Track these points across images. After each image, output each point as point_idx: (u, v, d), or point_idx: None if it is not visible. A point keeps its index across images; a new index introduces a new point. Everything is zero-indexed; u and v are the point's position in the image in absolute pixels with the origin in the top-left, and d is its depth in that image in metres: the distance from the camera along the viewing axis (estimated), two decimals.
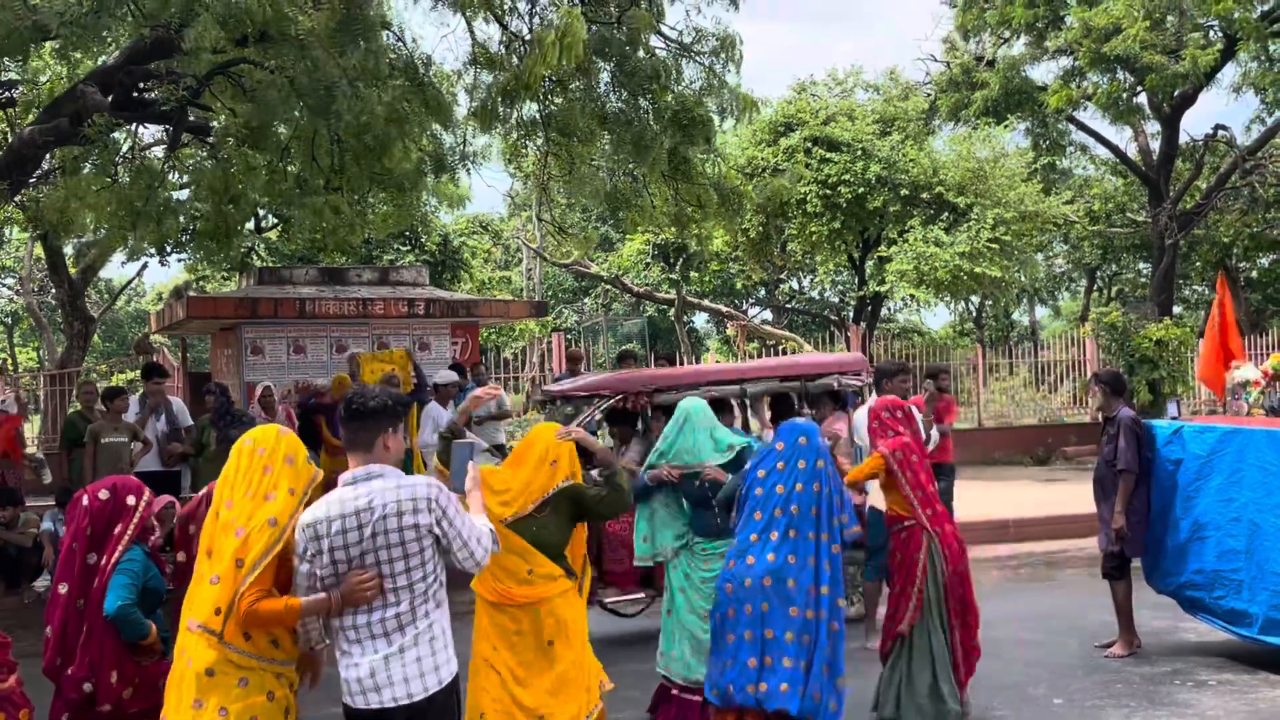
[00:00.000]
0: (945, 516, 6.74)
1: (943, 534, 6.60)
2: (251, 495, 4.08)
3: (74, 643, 4.45)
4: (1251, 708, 7.00)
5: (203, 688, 3.97)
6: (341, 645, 4.07)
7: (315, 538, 4.00)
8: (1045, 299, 45.06)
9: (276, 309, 14.16)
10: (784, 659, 5.44)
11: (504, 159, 14.79)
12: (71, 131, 10.63)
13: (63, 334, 23.98)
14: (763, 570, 5.58)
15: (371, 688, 3.97)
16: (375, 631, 4.00)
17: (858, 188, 21.03)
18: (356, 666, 4.00)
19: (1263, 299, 34.86)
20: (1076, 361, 22.72)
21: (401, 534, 3.97)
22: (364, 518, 3.97)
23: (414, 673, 3.98)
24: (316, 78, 9.90)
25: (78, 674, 4.42)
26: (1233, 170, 26.25)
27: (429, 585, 4.06)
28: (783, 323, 33.67)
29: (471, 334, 15.88)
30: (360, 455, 4.11)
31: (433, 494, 4.04)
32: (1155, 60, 22.28)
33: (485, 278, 32.27)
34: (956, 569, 6.63)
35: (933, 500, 6.65)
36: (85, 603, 4.47)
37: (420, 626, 4.02)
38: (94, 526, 4.54)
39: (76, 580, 4.49)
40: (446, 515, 4.05)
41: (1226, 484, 7.88)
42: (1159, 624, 8.90)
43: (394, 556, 3.98)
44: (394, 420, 4.13)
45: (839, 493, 5.84)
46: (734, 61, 12.09)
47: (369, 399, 4.11)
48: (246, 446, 4.19)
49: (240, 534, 4.00)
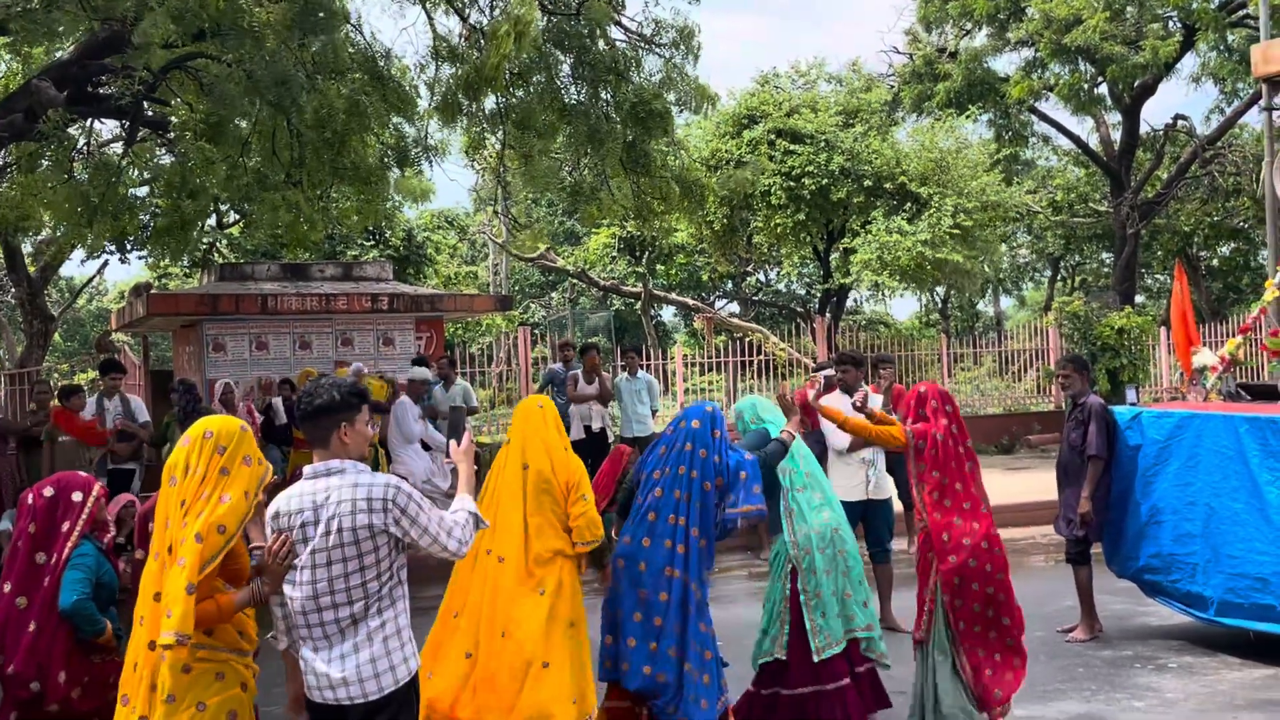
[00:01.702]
0: (971, 515, 6.20)
1: (952, 534, 6.14)
2: (207, 498, 4.05)
3: (14, 640, 4.39)
4: (1210, 689, 7.07)
5: (179, 684, 3.97)
6: (302, 643, 4.07)
7: (279, 530, 4.02)
8: (1010, 289, 45.33)
9: (238, 305, 14.05)
10: (629, 639, 5.45)
11: (465, 153, 14.73)
12: (26, 127, 10.52)
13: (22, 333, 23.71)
14: (619, 552, 5.63)
15: (328, 685, 3.97)
16: (330, 630, 3.98)
17: (821, 179, 21.06)
18: (316, 662, 3.99)
19: (1223, 287, 35.22)
20: (1040, 350, 22.87)
21: (355, 533, 3.95)
22: (321, 513, 3.97)
23: (368, 673, 3.96)
24: (275, 71, 9.82)
25: (23, 673, 4.36)
26: (1193, 160, 26.50)
27: (383, 584, 4.03)
28: (750, 315, 33.72)
29: (436, 329, 15.82)
30: (320, 450, 4.11)
31: (389, 494, 4.00)
32: (1115, 51, 22.47)
33: (451, 273, 32.13)
34: (952, 569, 6.11)
35: (951, 496, 6.20)
36: (28, 602, 4.41)
37: (373, 625, 4.00)
38: (38, 524, 4.49)
39: (19, 578, 4.44)
40: (406, 514, 4.02)
41: (1183, 468, 7.96)
42: (1120, 608, 8.98)
43: (347, 555, 3.96)
44: (346, 413, 4.09)
45: (724, 475, 5.62)
46: (693, 53, 12.11)
47: (315, 398, 4.10)
48: (207, 441, 4.13)
49: (199, 540, 3.96)
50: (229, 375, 13.45)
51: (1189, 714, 6.63)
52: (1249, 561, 7.52)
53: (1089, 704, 6.87)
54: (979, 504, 6.27)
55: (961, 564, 6.11)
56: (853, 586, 6.20)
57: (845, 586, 6.16)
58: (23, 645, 4.40)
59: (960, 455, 6.27)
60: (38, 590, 4.43)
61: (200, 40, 10.05)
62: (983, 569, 6.15)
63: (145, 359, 18.44)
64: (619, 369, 14.90)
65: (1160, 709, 6.73)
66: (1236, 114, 25.95)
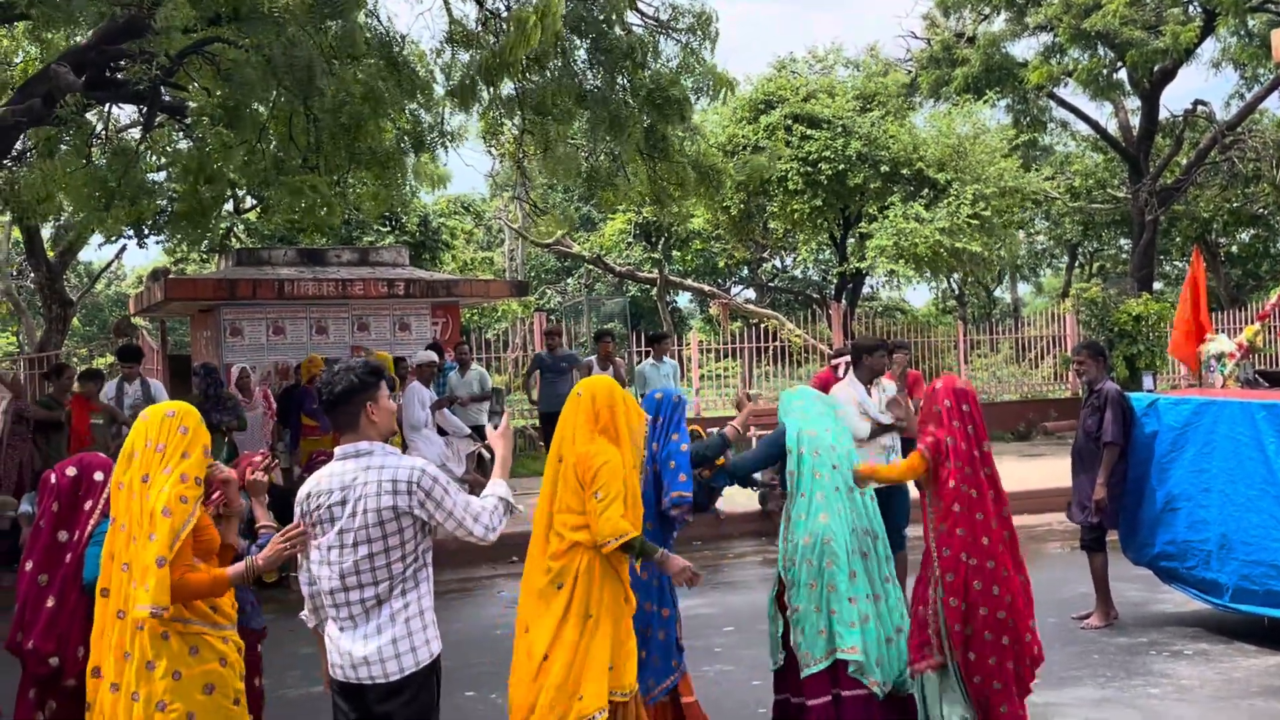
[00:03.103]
0: (983, 529, 5.55)
1: (953, 551, 5.55)
2: (169, 473, 4.19)
3: (34, 618, 4.47)
4: (1226, 677, 7.07)
5: (157, 650, 4.11)
6: (327, 622, 4.15)
7: (306, 511, 4.10)
8: (1027, 276, 45.17)
9: (255, 290, 14.10)
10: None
11: (482, 138, 14.74)
12: (44, 112, 10.55)
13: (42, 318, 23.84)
14: None
15: (349, 664, 4.03)
16: (355, 611, 4.04)
17: (838, 165, 21.01)
18: (340, 640, 4.06)
19: (1243, 274, 35.02)
20: (1057, 337, 22.81)
21: (380, 514, 4.00)
22: (348, 494, 4.03)
23: (389, 654, 4.00)
24: (293, 56, 9.83)
25: (43, 648, 4.44)
26: (1212, 145, 26.33)
27: (407, 566, 4.07)
28: (765, 301, 33.67)
29: (452, 314, 15.85)
30: (349, 434, 4.16)
31: (414, 476, 4.04)
32: (1135, 36, 22.34)
33: (468, 258, 32.18)
34: (961, 605, 5.50)
35: (957, 516, 5.57)
36: (49, 579, 4.49)
37: (396, 606, 4.04)
38: (61, 504, 4.57)
39: (41, 556, 4.52)
40: (431, 497, 4.06)
41: (1199, 455, 7.94)
42: (1136, 595, 8.97)
43: (373, 537, 4.01)
44: (368, 392, 4.14)
45: (659, 463, 5.52)
46: (710, 39, 12.07)
47: (335, 385, 4.15)
48: (170, 419, 4.29)
49: (167, 514, 4.09)
50: (246, 360, 13.51)
51: (1205, 701, 6.63)
52: (1264, 548, 7.50)
53: (1104, 690, 6.87)
54: (991, 517, 5.59)
55: (961, 583, 5.52)
56: (839, 603, 5.69)
57: (831, 602, 5.71)
58: (42, 621, 4.47)
59: (976, 460, 5.63)
60: (59, 567, 4.51)
61: (218, 25, 10.07)
62: (989, 591, 5.51)
63: (163, 344, 18.54)
64: (637, 355, 14.95)
65: (1176, 696, 6.72)
66: (1257, 99, 25.77)
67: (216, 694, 4.23)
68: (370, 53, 11.02)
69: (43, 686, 4.51)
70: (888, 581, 5.90)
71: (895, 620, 5.85)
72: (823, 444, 6.00)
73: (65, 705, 4.47)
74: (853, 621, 5.69)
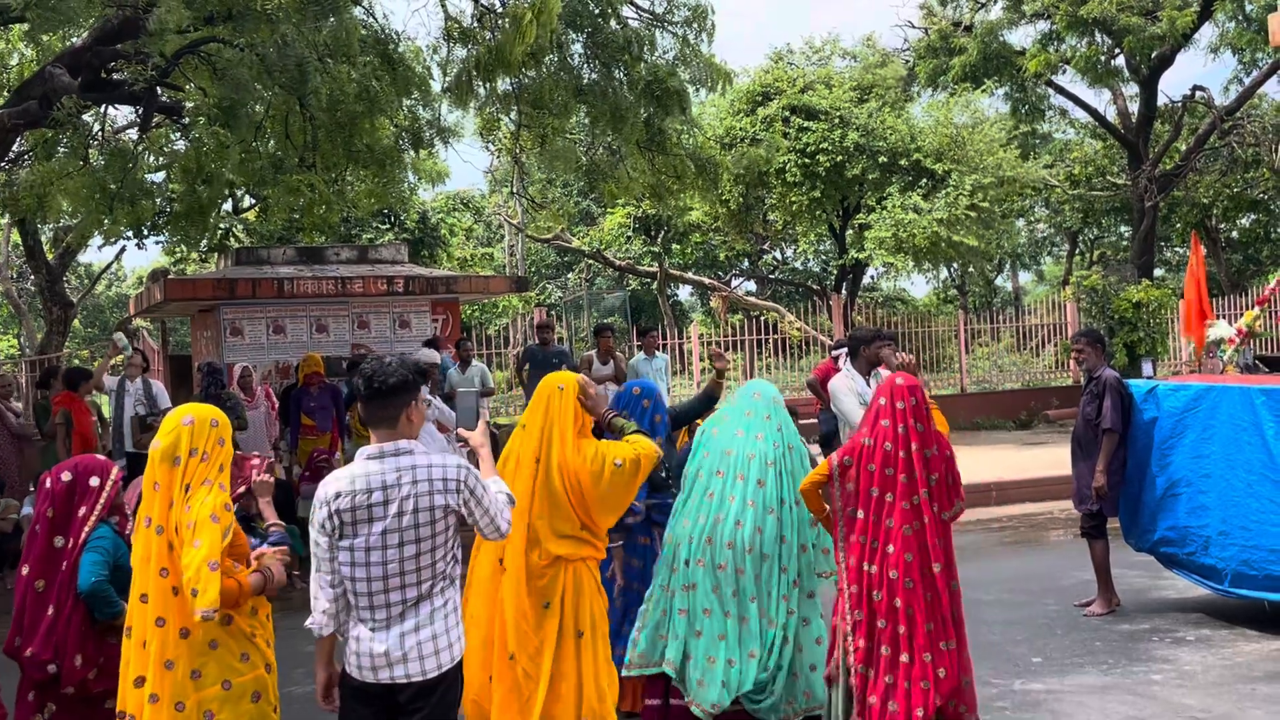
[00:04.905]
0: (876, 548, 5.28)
1: (855, 560, 5.31)
2: (210, 484, 4.13)
3: (32, 623, 4.42)
4: (1228, 662, 7.07)
5: (204, 660, 4.06)
6: (355, 621, 4.03)
7: (336, 511, 3.97)
8: (1028, 264, 45.15)
9: (255, 289, 14.09)
10: None
11: (479, 134, 14.73)
12: (41, 114, 10.56)
13: (42, 320, 23.86)
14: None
15: (384, 664, 3.95)
16: (395, 611, 3.97)
17: (836, 156, 20.99)
18: (373, 642, 3.97)
19: (1243, 259, 34.97)
20: (1058, 325, 22.81)
21: (431, 513, 3.97)
22: (390, 494, 3.95)
23: (429, 650, 3.97)
24: (287, 54, 9.84)
25: (41, 655, 4.39)
26: (1211, 131, 26.28)
27: (449, 564, 4.07)
28: (766, 294, 33.67)
29: (453, 311, 15.84)
30: (384, 431, 4.05)
31: (462, 475, 4.03)
32: (1132, 22, 22.27)
33: (467, 255, 32.15)
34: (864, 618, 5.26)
35: (860, 523, 5.31)
36: (47, 584, 4.42)
37: (436, 603, 4.03)
38: (56, 509, 4.50)
39: (38, 561, 4.46)
40: (475, 495, 4.05)
41: (1199, 441, 7.94)
42: (1138, 582, 8.98)
43: (421, 536, 3.96)
44: (415, 393, 4.08)
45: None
46: (706, 31, 12.08)
47: (389, 375, 4.03)
48: (214, 430, 4.23)
49: (215, 520, 4.03)
50: (247, 359, 13.51)
51: (1207, 686, 6.63)
52: (1263, 533, 7.51)
53: (1107, 676, 6.88)
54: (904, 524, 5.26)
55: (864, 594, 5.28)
56: (671, 612, 5.58)
57: (670, 607, 5.59)
58: (41, 628, 4.42)
59: (900, 461, 5.30)
60: (56, 573, 4.44)
61: (212, 24, 10.08)
62: (890, 603, 5.22)
63: (164, 344, 18.54)
64: (636, 349, 14.94)
65: (1178, 681, 6.73)
66: (1255, 84, 25.70)
67: (262, 701, 4.21)
68: (366, 50, 11.02)
69: (42, 689, 4.47)
70: (786, 600, 5.52)
71: (755, 645, 5.45)
72: (718, 449, 5.74)
73: (65, 709, 4.42)
74: (678, 634, 5.51)
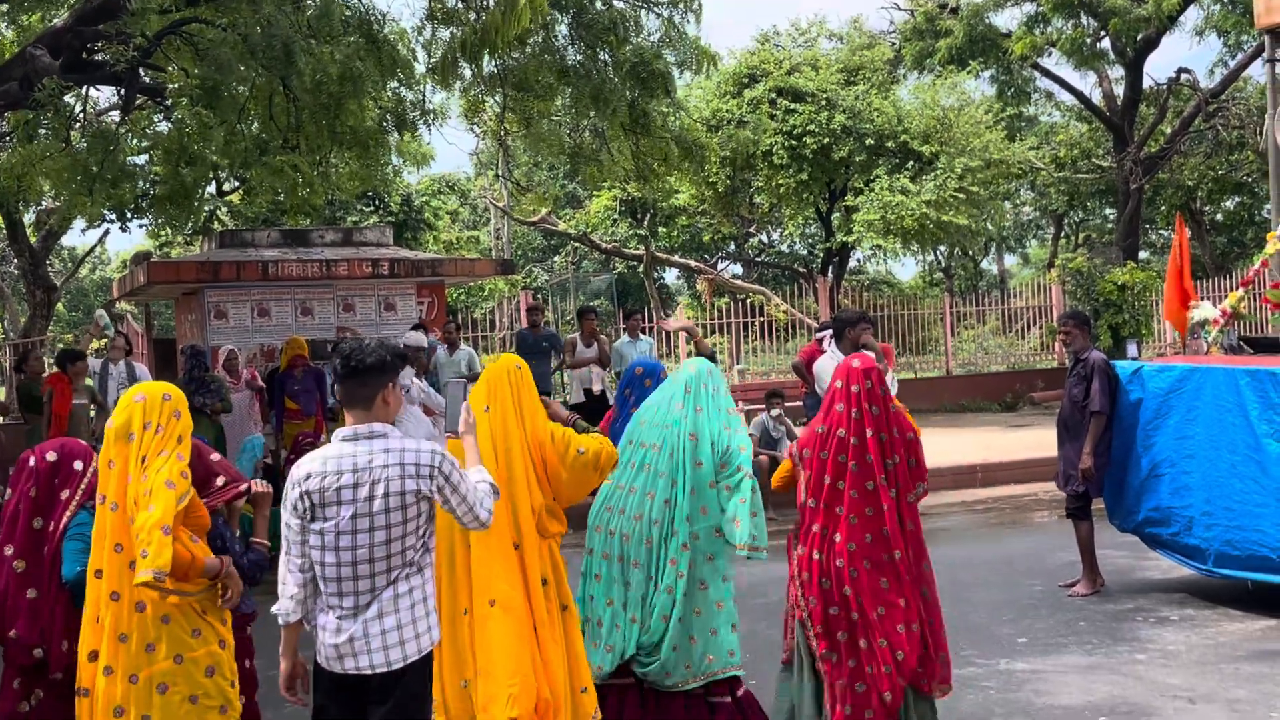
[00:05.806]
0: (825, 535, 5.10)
1: (807, 548, 5.15)
2: (166, 455, 4.13)
3: (15, 605, 4.35)
4: (1212, 641, 7.11)
5: (158, 633, 4.07)
6: (322, 607, 3.97)
7: (306, 493, 3.91)
8: (1014, 247, 45.22)
9: (239, 272, 14.01)
10: None
11: (463, 116, 14.67)
12: (21, 95, 10.47)
13: (25, 303, 23.74)
14: None
15: (349, 653, 3.88)
16: (363, 599, 3.89)
17: (823, 138, 20.97)
18: (336, 631, 3.91)
19: (1228, 242, 35.11)
20: (1043, 308, 22.87)
21: (402, 497, 3.88)
22: (361, 476, 3.87)
23: (393, 640, 3.89)
24: (271, 34, 9.76)
25: (26, 638, 4.33)
26: (1196, 114, 26.35)
27: (417, 552, 3.97)
28: (752, 276, 33.66)
29: (438, 294, 15.79)
30: (359, 412, 3.96)
31: (435, 460, 3.93)
32: (1118, 4, 22.32)
33: (453, 238, 32.03)
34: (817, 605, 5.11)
35: (812, 512, 5.16)
36: (26, 565, 4.36)
37: (401, 590, 3.92)
38: (39, 489, 4.42)
39: (20, 543, 4.39)
40: (449, 481, 3.95)
41: (1183, 421, 7.96)
42: (1122, 562, 9.02)
43: (391, 521, 3.88)
44: (393, 375, 4.00)
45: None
46: (693, 12, 12.02)
47: (367, 355, 3.94)
48: (167, 403, 4.23)
49: (171, 486, 4.03)
50: (231, 343, 13.45)
51: (1190, 666, 6.67)
52: (1246, 513, 7.54)
53: (1091, 657, 6.90)
54: (851, 513, 5.05)
55: (813, 581, 5.11)
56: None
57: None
58: (23, 610, 4.35)
59: (852, 448, 5.04)
60: (38, 556, 4.38)
61: (194, 4, 9.99)
62: (839, 590, 5.06)
63: (148, 327, 18.45)
64: (621, 332, 14.92)
65: (1162, 661, 6.76)
66: (1240, 67, 25.78)
67: (217, 676, 4.17)
68: (350, 30, 10.94)
69: (28, 677, 4.39)
70: (674, 564, 5.25)
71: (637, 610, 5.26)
72: (639, 436, 5.51)
73: (52, 696, 4.37)
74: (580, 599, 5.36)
